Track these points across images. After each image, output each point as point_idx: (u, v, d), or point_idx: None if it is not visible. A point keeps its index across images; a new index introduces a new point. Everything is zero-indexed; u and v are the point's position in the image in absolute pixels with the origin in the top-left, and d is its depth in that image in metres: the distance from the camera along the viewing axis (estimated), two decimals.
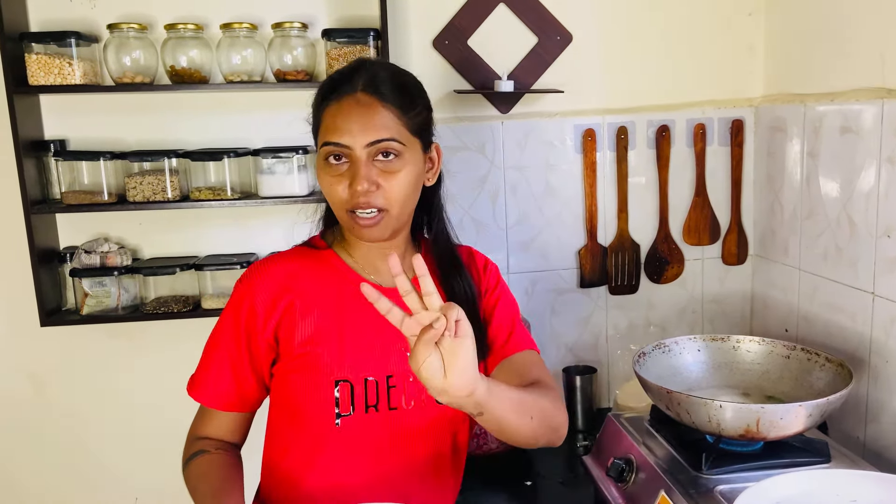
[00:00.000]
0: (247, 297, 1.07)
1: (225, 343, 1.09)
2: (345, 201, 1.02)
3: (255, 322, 1.06)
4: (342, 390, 1.05)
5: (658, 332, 1.91)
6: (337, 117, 1.02)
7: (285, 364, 1.08)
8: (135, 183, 1.59)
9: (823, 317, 1.59)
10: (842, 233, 1.51)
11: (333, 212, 1.08)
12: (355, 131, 1.00)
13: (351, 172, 1.01)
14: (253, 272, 1.10)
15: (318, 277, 1.10)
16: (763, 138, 1.81)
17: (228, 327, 1.09)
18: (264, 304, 1.06)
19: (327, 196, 1.06)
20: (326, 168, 1.04)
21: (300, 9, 1.68)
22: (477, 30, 1.74)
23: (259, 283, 1.08)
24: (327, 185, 1.04)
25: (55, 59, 1.52)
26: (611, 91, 1.80)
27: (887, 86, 1.37)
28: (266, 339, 1.07)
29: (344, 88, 1.04)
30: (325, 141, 1.03)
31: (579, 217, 1.84)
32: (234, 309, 1.08)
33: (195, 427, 1.13)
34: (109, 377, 1.77)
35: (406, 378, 1.08)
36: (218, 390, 1.10)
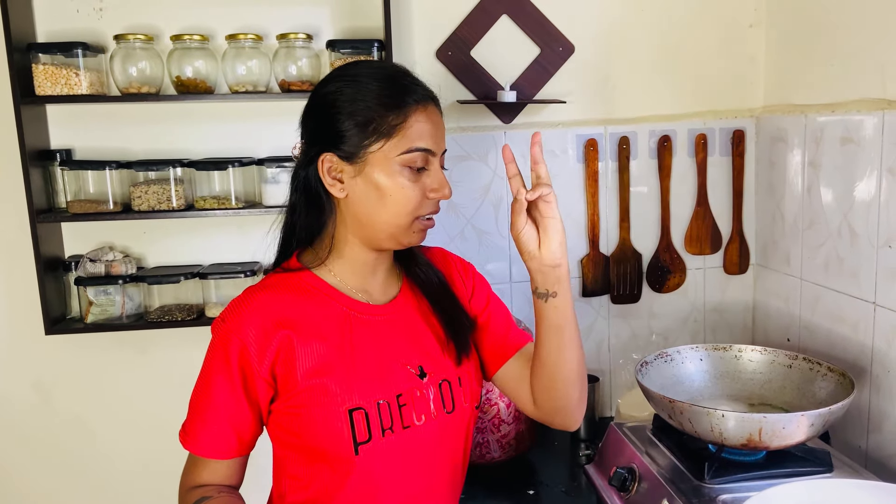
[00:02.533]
0: (235, 336, 0.98)
1: (218, 387, 1.00)
2: (417, 206, 1.00)
3: (249, 361, 0.98)
4: (357, 418, 1.00)
5: (660, 342, 1.91)
6: (427, 123, 0.99)
7: (289, 400, 1.01)
8: (140, 192, 1.60)
9: (825, 326, 1.59)
10: (843, 243, 1.51)
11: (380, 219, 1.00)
12: (439, 138, 1.02)
13: (433, 179, 1.01)
14: (236, 309, 1.01)
15: (307, 305, 1.03)
16: (764, 148, 1.82)
17: (219, 370, 0.99)
18: (256, 340, 0.98)
19: (394, 202, 0.99)
20: (408, 174, 0.99)
21: (305, 20, 1.70)
22: (480, 40, 1.76)
23: (246, 319, 0.99)
24: (403, 190, 0.98)
25: (62, 69, 1.54)
26: (612, 101, 1.82)
27: (888, 97, 1.38)
28: (263, 376, 0.99)
29: (425, 94, 1.02)
30: (416, 146, 0.98)
31: (581, 226, 1.85)
32: (223, 350, 0.99)
33: (189, 477, 1.05)
34: (114, 385, 1.78)
35: (413, 393, 1.05)
36: (216, 440, 1.01)
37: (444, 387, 1.08)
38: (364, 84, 0.99)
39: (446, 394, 1.08)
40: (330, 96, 1.00)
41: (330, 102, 1.00)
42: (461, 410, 1.10)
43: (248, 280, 1.69)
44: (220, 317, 1.02)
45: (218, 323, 1.02)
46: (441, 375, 1.08)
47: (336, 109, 0.99)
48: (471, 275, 1.21)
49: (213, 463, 1.03)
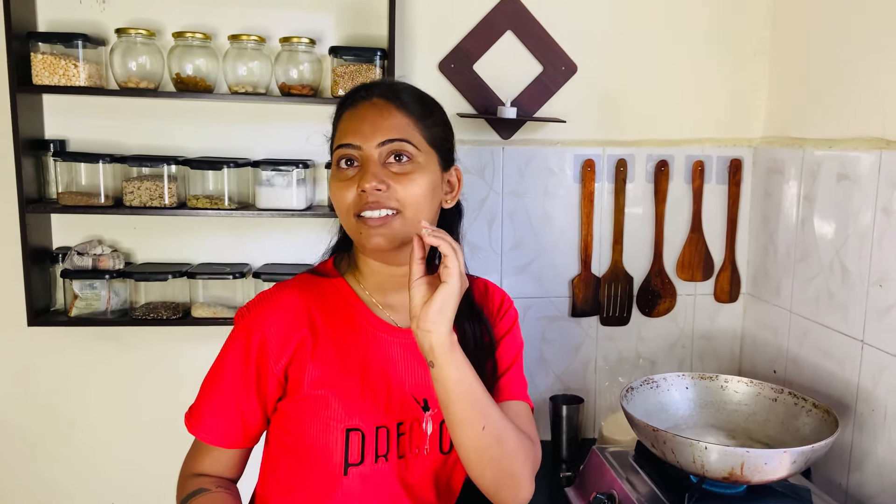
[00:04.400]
0: (257, 330, 0.99)
1: (231, 377, 1.01)
2: (351, 205, 0.97)
3: (267, 357, 0.99)
4: (353, 439, 0.99)
5: (647, 366, 1.90)
6: (351, 121, 0.99)
7: (293, 404, 1.01)
8: (132, 187, 1.58)
9: (812, 361, 1.59)
10: (834, 278, 1.51)
11: (342, 223, 1.02)
12: (367, 132, 0.97)
13: (362, 173, 0.96)
14: (263, 303, 1.02)
15: (329, 312, 1.03)
16: (761, 179, 1.82)
17: (236, 360, 1.00)
18: (276, 338, 0.99)
19: (335, 204, 1.00)
20: (337, 174, 0.99)
21: (309, 24, 1.69)
22: (483, 55, 1.75)
23: (271, 315, 1.00)
24: (335, 191, 0.99)
25: (61, 59, 1.52)
26: (612, 123, 1.82)
27: (886, 137, 1.38)
28: (276, 375, 1.00)
29: (360, 95, 1.02)
30: (336, 145, 1.00)
31: (574, 246, 1.85)
32: (244, 341, 1.00)
33: (191, 463, 1.05)
34: (95, 380, 1.76)
35: (414, 424, 1.03)
36: (222, 427, 1.02)
37: (445, 427, 1.04)
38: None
39: (446, 434, 1.05)
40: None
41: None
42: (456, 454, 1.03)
43: (237, 282, 1.68)
44: (246, 307, 1.03)
45: (242, 312, 1.02)
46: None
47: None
48: (504, 307, 1.14)
49: (216, 451, 1.03)
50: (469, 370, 0.92)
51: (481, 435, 0.93)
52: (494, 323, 1.12)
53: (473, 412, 0.92)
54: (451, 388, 0.91)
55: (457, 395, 0.91)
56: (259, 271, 1.68)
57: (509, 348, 1.12)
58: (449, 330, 0.89)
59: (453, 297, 0.89)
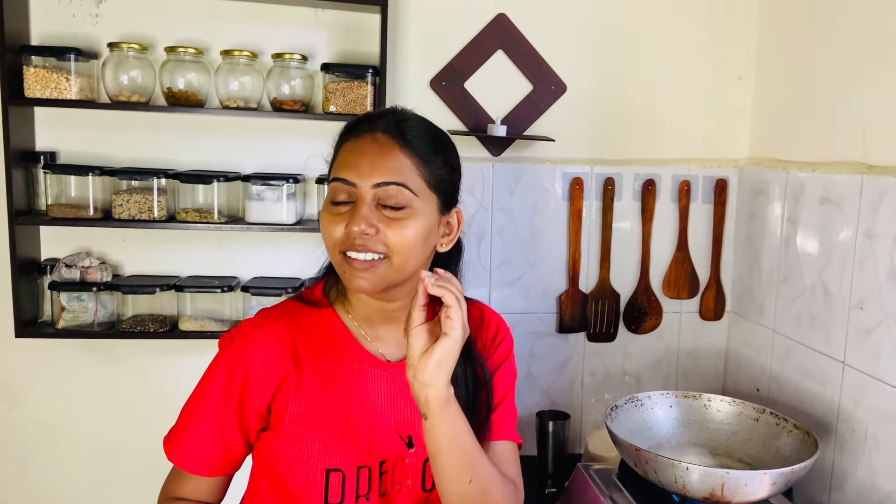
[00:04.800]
0: (240, 363, 0.97)
1: (212, 406, 0.98)
2: (338, 241, 0.93)
3: (250, 391, 0.97)
4: (333, 479, 0.97)
5: (633, 383, 1.92)
6: (350, 154, 0.95)
7: (274, 438, 0.99)
8: (122, 200, 1.59)
9: (794, 380, 1.61)
10: (816, 300, 1.53)
11: (329, 256, 0.98)
12: (364, 169, 0.93)
13: (351, 212, 0.93)
14: (248, 333, 0.98)
15: (315, 344, 1.00)
16: (745, 199, 1.84)
17: (218, 390, 0.98)
18: (260, 373, 0.96)
19: (323, 236, 0.97)
20: (329, 207, 0.96)
21: (302, 40, 1.70)
22: (474, 73, 1.77)
23: (256, 346, 0.97)
24: (325, 224, 0.95)
25: (53, 73, 1.53)
26: (601, 142, 1.84)
27: (868, 161, 1.41)
28: (259, 409, 0.98)
29: (364, 127, 0.97)
30: (332, 177, 0.96)
31: (562, 262, 1.86)
32: (227, 371, 0.98)
33: (170, 486, 1.02)
34: (81, 392, 1.75)
35: (397, 462, 1.02)
36: (201, 456, 0.99)
37: (428, 467, 1.03)
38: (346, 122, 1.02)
39: (428, 472, 1.03)
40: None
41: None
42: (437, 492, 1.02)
43: (225, 295, 1.68)
44: (230, 335, 1.00)
45: (226, 340, 0.99)
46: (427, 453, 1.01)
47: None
48: (499, 337, 1.11)
49: (195, 479, 1.01)
50: (462, 424, 0.92)
51: (467, 488, 0.92)
52: (489, 354, 1.09)
53: (462, 466, 0.92)
54: (442, 442, 0.90)
55: (448, 449, 0.91)
56: (248, 285, 1.68)
57: (503, 380, 1.09)
58: (447, 384, 0.88)
59: (454, 351, 0.88)
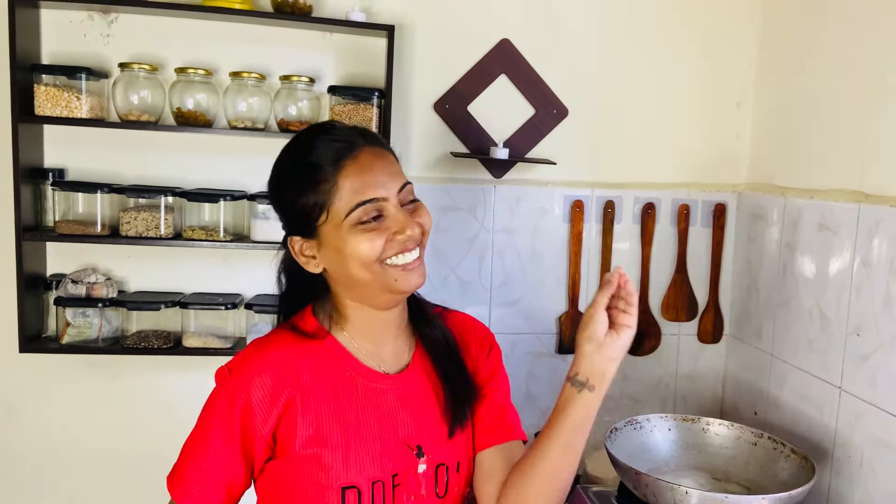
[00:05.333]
0: (241, 393, 0.96)
1: (215, 441, 0.97)
2: (380, 253, 0.95)
3: (253, 421, 0.96)
4: (349, 496, 0.96)
5: (630, 405, 1.93)
6: (363, 175, 0.95)
7: (284, 465, 0.98)
8: (129, 217, 1.61)
9: (792, 404, 1.62)
10: (813, 325, 1.56)
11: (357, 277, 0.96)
12: (385, 181, 0.96)
13: (392, 222, 0.95)
14: (244, 363, 0.98)
15: (316, 366, 1.00)
16: (744, 224, 1.87)
17: (219, 424, 0.97)
18: (262, 400, 0.96)
19: (359, 260, 0.95)
20: (360, 230, 0.94)
21: (309, 62, 1.73)
22: (478, 97, 1.80)
23: (255, 375, 0.97)
24: (360, 244, 0.94)
25: (63, 91, 1.55)
26: (601, 166, 1.87)
27: (865, 190, 1.43)
28: (264, 437, 0.96)
29: (349, 148, 0.96)
30: (360, 202, 0.94)
31: (562, 284, 1.88)
32: (227, 405, 0.96)
33: None
34: (85, 407, 1.76)
35: (408, 473, 1.02)
36: (206, 495, 0.97)
37: (441, 471, 1.04)
38: (284, 174, 0.99)
39: (441, 478, 1.04)
40: (271, 191, 1.03)
41: (272, 196, 1.03)
42: (452, 495, 1.06)
43: (229, 312, 1.69)
44: (227, 367, 0.99)
45: (224, 373, 0.99)
46: (439, 458, 1.04)
47: (277, 203, 1.02)
48: (488, 343, 1.15)
49: None
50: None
51: (576, 465, 0.99)
52: (484, 361, 1.12)
53: (584, 442, 0.99)
54: (593, 414, 0.98)
55: (590, 423, 0.98)
56: (251, 302, 1.70)
57: (503, 382, 1.13)
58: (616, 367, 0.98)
59: (630, 342, 0.99)
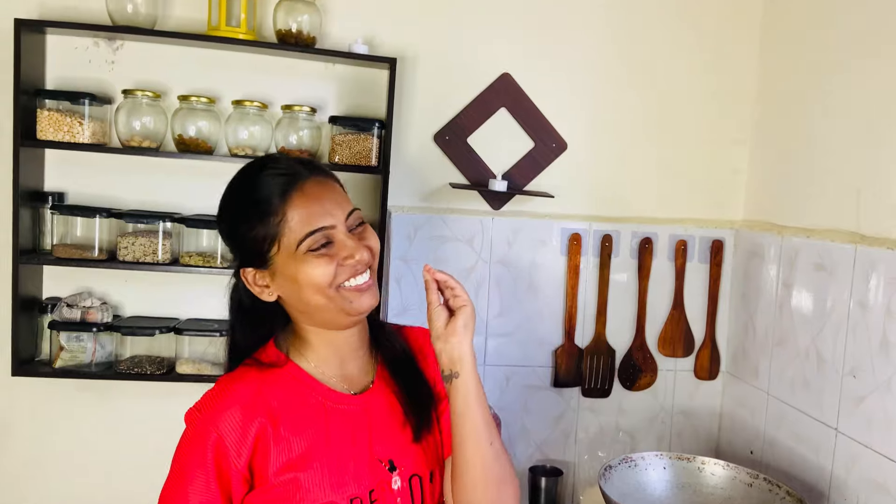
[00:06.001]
0: (211, 431, 0.96)
1: (193, 486, 0.96)
2: (333, 278, 0.97)
3: (227, 458, 0.96)
4: None
5: (626, 440, 1.92)
6: (309, 205, 0.98)
7: (262, 495, 0.98)
8: (127, 242, 1.61)
9: (788, 445, 1.61)
10: (810, 365, 1.55)
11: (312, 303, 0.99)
12: (332, 209, 0.99)
13: (340, 248, 0.98)
14: (213, 400, 0.99)
15: (283, 394, 1.01)
16: (741, 261, 1.87)
17: (194, 466, 0.96)
18: (233, 435, 0.96)
19: (310, 285, 0.97)
20: (311, 258, 0.97)
21: (311, 92, 1.75)
22: (477, 129, 1.82)
23: (224, 410, 0.97)
24: (314, 270, 0.97)
25: (66, 116, 1.57)
26: (599, 199, 1.87)
27: (861, 231, 1.44)
28: (240, 472, 0.96)
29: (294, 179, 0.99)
30: (309, 231, 0.97)
31: (559, 317, 1.88)
32: (199, 444, 0.96)
33: None
34: (76, 432, 1.74)
35: (384, 489, 1.03)
36: None
37: (415, 482, 1.06)
38: (233, 209, 1.02)
39: (416, 489, 1.06)
40: (220, 225, 1.06)
41: (222, 230, 1.06)
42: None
43: (223, 339, 1.68)
44: (196, 407, 1.00)
45: (193, 413, 0.99)
46: (412, 469, 1.06)
47: (228, 237, 1.05)
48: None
49: None
50: (481, 387, 1.02)
51: (489, 450, 1.00)
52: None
53: (485, 426, 1.01)
54: (471, 399, 1.00)
55: (475, 405, 1.00)
56: None
57: None
58: (472, 343, 1.01)
59: (473, 317, 1.01)
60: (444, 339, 1.00)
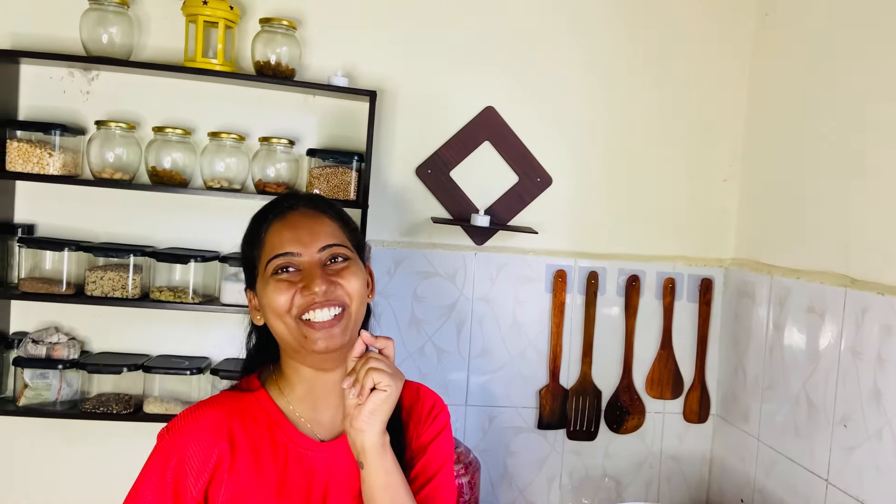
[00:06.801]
0: (175, 452, 0.97)
1: (147, 499, 0.97)
2: (291, 307, 0.96)
3: (185, 480, 0.96)
4: None
5: (613, 486, 1.85)
6: (283, 231, 1.00)
7: None
8: (95, 277, 1.56)
9: (778, 495, 1.54)
10: (800, 412, 1.49)
11: (277, 330, 0.99)
12: (305, 239, 0.99)
13: (302, 277, 0.97)
14: (183, 421, 1.00)
15: (250, 428, 1.01)
16: (731, 300, 1.82)
17: (152, 483, 0.97)
18: (195, 458, 0.97)
19: (271, 309, 0.98)
20: (273, 282, 0.98)
21: (290, 124, 1.72)
22: (460, 163, 1.78)
23: (191, 434, 0.98)
24: (272, 294, 0.97)
25: (36, 148, 1.53)
26: (585, 236, 1.83)
27: (851, 275, 1.39)
28: (195, 498, 0.96)
29: (286, 205, 1.03)
30: (273, 255, 0.99)
31: (543, 356, 1.82)
32: (162, 463, 0.97)
33: None
34: (41, 472, 1.68)
35: None
36: None
37: None
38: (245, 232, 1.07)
39: None
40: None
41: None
42: None
43: (193, 378, 1.63)
44: (167, 426, 1.00)
45: (163, 433, 1.00)
46: None
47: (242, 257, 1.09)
48: (435, 409, 1.12)
49: None
50: (398, 477, 0.95)
51: None
52: (423, 428, 1.10)
53: None
54: (377, 493, 0.93)
55: (382, 499, 0.93)
56: (218, 367, 1.64)
57: (438, 451, 1.09)
58: (381, 431, 0.93)
59: (388, 402, 0.93)
60: (349, 422, 0.93)
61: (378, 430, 0.92)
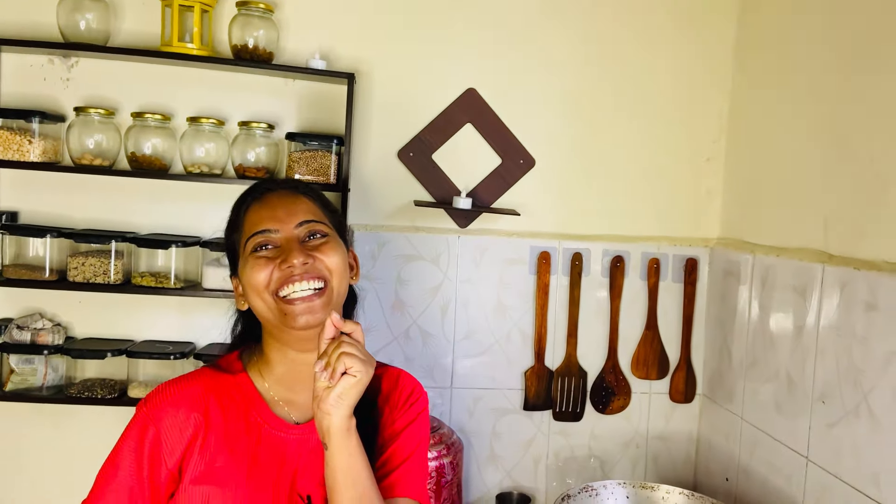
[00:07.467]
0: (152, 422, 0.99)
1: (124, 469, 0.99)
2: (270, 282, 0.98)
3: (161, 452, 0.98)
4: None
5: (598, 466, 1.85)
6: (261, 210, 1.03)
7: (178, 497, 0.99)
8: (77, 263, 1.57)
9: (761, 473, 1.54)
10: (781, 389, 1.48)
11: (257, 309, 1.01)
12: (282, 216, 1.02)
13: (280, 251, 1.00)
14: (162, 393, 1.02)
15: (226, 406, 1.02)
16: (716, 280, 1.81)
17: (129, 452, 0.99)
18: (171, 431, 0.99)
19: (250, 286, 1.00)
20: (252, 259, 1.00)
21: (269, 108, 1.71)
22: (443, 145, 1.77)
23: (166, 407, 1.00)
24: (252, 272, 0.99)
25: (16, 135, 1.54)
26: (569, 217, 1.82)
27: (829, 251, 1.38)
28: (170, 469, 0.99)
29: (265, 188, 1.07)
30: (251, 233, 1.01)
31: (528, 337, 1.82)
32: (139, 434, 1.00)
33: None
34: (27, 457, 1.70)
35: None
36: None
37: None
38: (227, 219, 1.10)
39: None
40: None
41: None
42: None
43: (177, 363, 1.64)
44: (146, 397, 1.02)
45: (142, 404, 1.02)
46: None
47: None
48: (414, 395, 1.12)
49: None
50: (361, 460, 0.95)
51: None
52: (399, 414, 1.10)
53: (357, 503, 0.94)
54: (339, 475, 0.93)
55: (344, 482, 0.93)
56: (202, 352, 1.65)
57: (412, 437, 1.09)
58: (347, 415, 0.93)
59: (356, 387, 0.92)
60: (317, 404, 0.92)
61: (344, 414, 0.92)
